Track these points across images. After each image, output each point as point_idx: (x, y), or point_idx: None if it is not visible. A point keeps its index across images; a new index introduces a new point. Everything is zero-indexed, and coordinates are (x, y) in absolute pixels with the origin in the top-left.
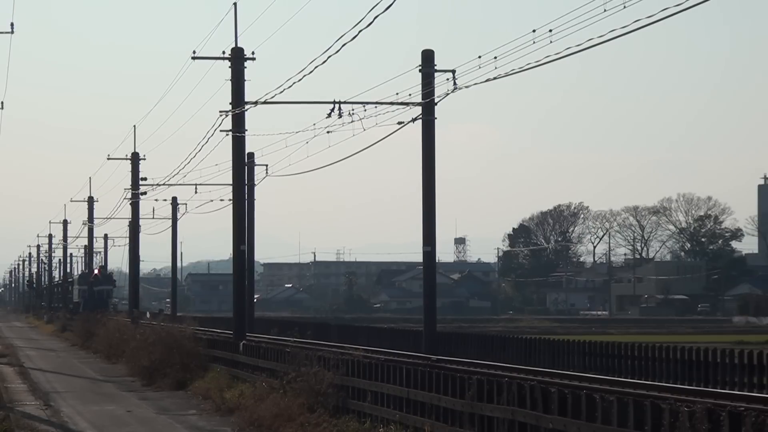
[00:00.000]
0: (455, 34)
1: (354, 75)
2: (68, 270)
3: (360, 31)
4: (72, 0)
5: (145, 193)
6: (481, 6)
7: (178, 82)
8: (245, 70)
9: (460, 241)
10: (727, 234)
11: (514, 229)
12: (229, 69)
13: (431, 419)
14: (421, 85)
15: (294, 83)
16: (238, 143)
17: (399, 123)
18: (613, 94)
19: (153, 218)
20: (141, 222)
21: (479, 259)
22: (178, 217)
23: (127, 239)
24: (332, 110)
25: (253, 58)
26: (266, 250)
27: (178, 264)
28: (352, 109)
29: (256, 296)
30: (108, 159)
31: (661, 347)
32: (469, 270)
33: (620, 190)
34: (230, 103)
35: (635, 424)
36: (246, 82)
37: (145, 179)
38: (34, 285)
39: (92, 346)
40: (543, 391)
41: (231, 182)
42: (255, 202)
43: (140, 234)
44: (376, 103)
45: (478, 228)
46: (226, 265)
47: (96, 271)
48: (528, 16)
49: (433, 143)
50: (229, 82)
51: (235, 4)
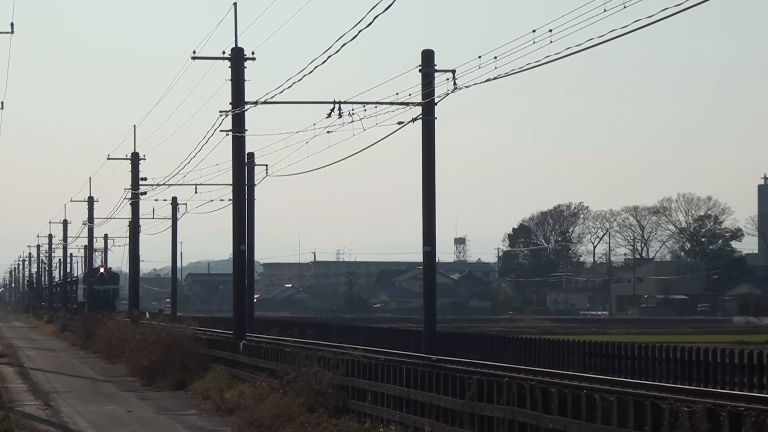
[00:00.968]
0: (455, 34)
1: (354, 75)
2: (68, 270)
3: (360, 31)
4: (72, 0)
5: (145, 193)
6: (481, 6)
7: (178, 82)
8: (245, 70)
9: (460, 241)
10: (727, 234)
11: (514, 229)
12: (229, 69)
13: (431, 419)
14: (421, 85)
15: (294, 83)
16: (238, 143)
17: (399, 123)
18: (613, 94)
19: (153, 218)
20: (141, 222)
21: (479, 259)
22: (178, 217)
23: (127, 239)
24: (332, 110)
25: (253, 58)
26: (266, 250)
27: (178, 264)
28: (352, 109)
29: (256, 296)
30: (108, 159)
31: (661, 347)
32: (469, 270)
33: (620, 190)
34: (230, 103)
35: (635, 424)
36: (246, 82)
37: (145, 179)
38: (34, 285)
39: (92, 346)
40: (543, 391)
41: (231, 182)
42: (255, 202)
43: (140, 234)
44: (376, 103)
45: (478, 228)
46: (226, 265)
47: (101, 270)
48: (528, 16)
49: (433, 143)
50: (229, 82)
51: (235, 4)
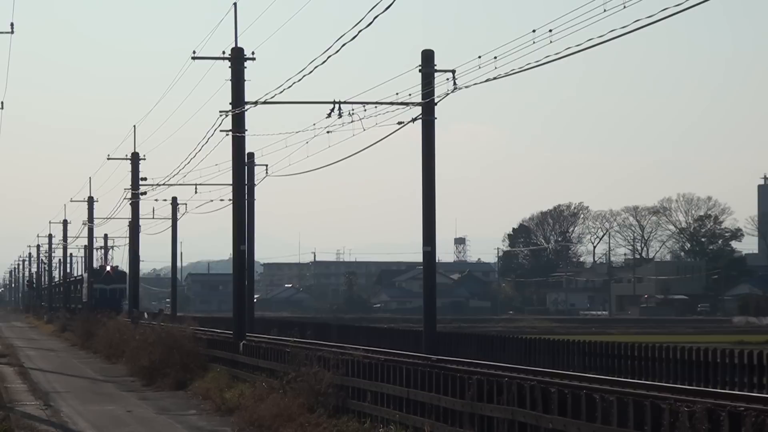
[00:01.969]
0: (455, 34)
1: (354, 75)
2: (68, 270)
3: (360, 31)
4: (72, 0)
5: (145, 193)
6: (481, 6)
7: (178, 83)
8: (245, 70)
9: (460, 241)
10: (727, 234)
11: (514, 229)
12: (229, 69)
13: (431, 419)
14: (421, 85)
15: (294, 83)
16: (238, 143)
17: (399, 123)
18: (613, 94)
19: (153, 218)
20: (141, 222)
21: (479, 259)
22: (178, 217)
23: (127, 239)
24: (332, 110)
25: (253, 58)
26: (266, 250)
27: (178, 264)
28: (352, 109)
29: (256, 296)
30: (108, 159)
31: (661, 347)
32: (469, 270)
33: (620, 190)
34: (230, 103)
35: (635, 424)
36: (246, 82)
37: (145, 179)
38: (34, 285)
39: (92, 346)
40: (543, 391)
41: (231, 182)
42: (255, 202)
43: (140, 234)
44: (376, 103)
45: (478, 228)
46: (226, 265)
47: (108, 269)
48: (528, 16)
49: (433, 143)
50: (229, 82)
51: (235, 4)
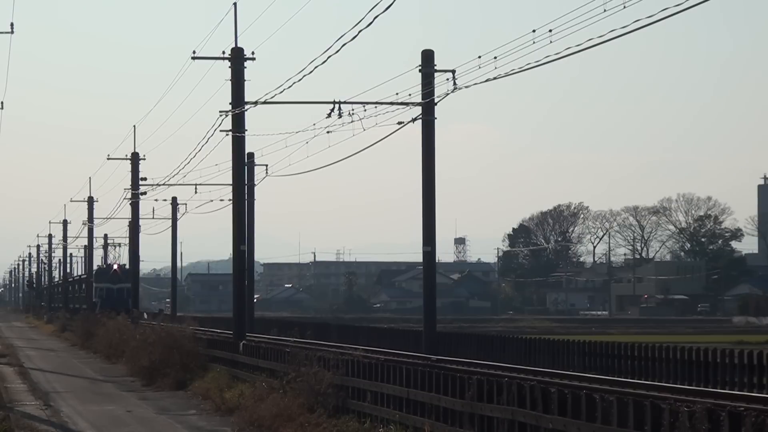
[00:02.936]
0: (455, 34)
1: (354, 75)
2: (68, 270)
3: (360, 31)
4: (72, 0)
5: (145, 193)
6: (481, 6)
7: (178, 82)
8: (245, 70)
9: (460, 241)
10: (727, 234)
11: (514, 229)
12: (229, 69)
13: (431, 419)
14: (421, 85)
15: (294, 83)
16: (238, 143)
17: (399, 123)
18: (613, 94)
19: (153, 218)
20: (141, 222)
21: (479, 259)
22: (178, 217)
23: (127, 239)
24: (332, 110)
25: (253, 58)
26: (266, 250)
27: (178, 264)
28: (352, 109)
29: (256, 296)
30: (108, 159)
31: (661, 347)
32: (469, 270)
33: (620, 190)
34: (230, 103)
35: (635, 424)
36: (246, 82)
37: (145, 179)
38: (34, 285)
39: (92, 346)
40: (543, 391)
41: (231, 182)
42: (255, 202)
43: (140, 234)
44: (376, 103)
45: (478, 228)
46: (226, 265)
47: (115, 267)
48: (528, 16)
49: (433, 143)
50: (229, 82)
51: (235, 4)
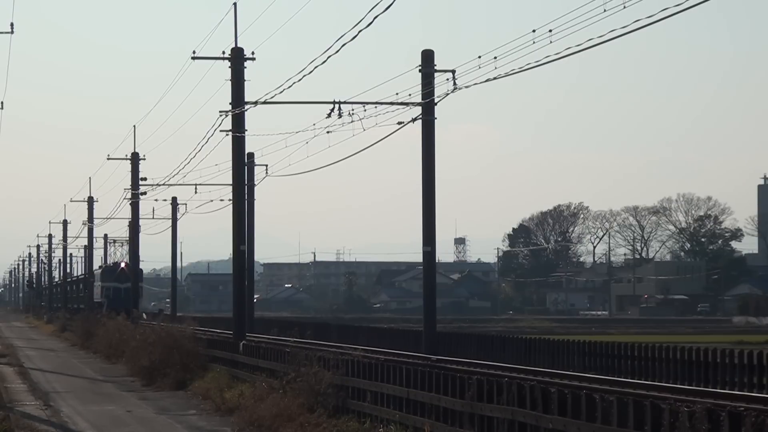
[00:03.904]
0: (455, 34)
1: (354, 75)
2: (68, 270)
3: (360, 31)
4: (72, 0)
5: (144, 193)
6: (481, 6)
7: (178, 82)
8: (245, 70)
9: (460, 241)
10: (727, 234)
11: (514, 229)
12: (229, 69)
13: (431, 419)
14: (421, 85)
15: (294, 83)
16: (238, 143)
17: (399, 123)
18: (613, 94)
19: (153, 218)
20: (141, 222)
21: (479, 259)
22: (178, 217)
23: (127, 239)
24: (332, 110)
25: (253, 58)
26: (266, 250)
27: (178, 264)
28: (352, 109)
29: (256, 296)
30: (108, 159)
31: (661, 347)
32: (469, 270)
33: (620, 190)
34: (230, 103)
35: (635, 424)
36: (246, 82)
37: (145, 179)
38: (34, 285)
39: (92, 346)
40: (543, 391)
41: (231, 182)
42: (255, 202)
43: (140, 234)
44: (376, 103)
45: (478, 228)
46: (226, 265)
47: (122, 265)
48: (528, 16)
49: (432, 143)
50: (229, 82)
51: (235, 4)
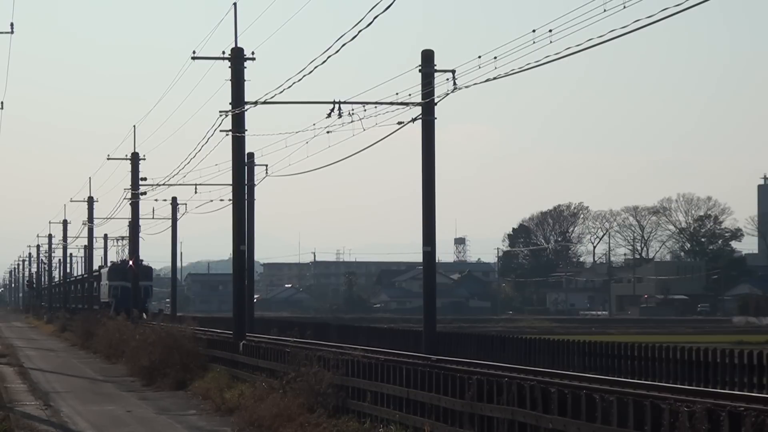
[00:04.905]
0: (455, 34)
1: (354, 75)
2: (68, 270)
3: (360, 31)
4: (72, 0)
5: (144, 193)
6: (481, 6)
7: (178, 82)
8: (245, 70)
9: (460, 241)
10: (727, 234)
11: (514, 229)
12: (229, 69)
13: (431, 419)
14: (421, 85)
15: (294, 83)
16: (238, 143)
17: (399, 123)
18: (613, 94)
19: (153, 218)
20: (141, 222)
21: (479, 259)
22: (178, 217)
23: (127, 239)
24: (332, 110)
25: (253, 58)
26: (266, 250)
27: (178, 264)
28: (352, 109)
29: (256, 296)
30: (108, 159)
31: (661, 347)
32: (469, 270)
33: (620, 190)
34: (230, 103)
35: (635, 424)
36: (246, 82)
37: (145, 179)
38: (34, 285)
39: (92, 346)
40: (543, 391)
41: (231, 182)
42: (255, 202)
43: (140, 234)
44: (376, 103)
45: (478, 228)
46: (226, 265)
47: (130, 263)
48: (528, 16)
49: (432, 143)
50: (229, 82)
51: (235, 4)
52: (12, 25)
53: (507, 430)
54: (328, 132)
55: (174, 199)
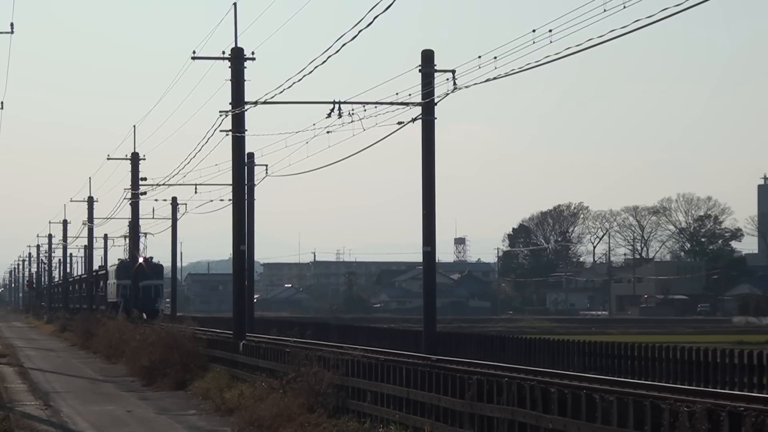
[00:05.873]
0: (455, 34)
1: (354, 75)
2: (68, 270)
3: (360, 31)
4: (73, 0)
5: (145, 193)
6: (481, 6)
7: (178, 82)
8: (245, 70)
9: (460, 241)
10: (727, 234)
11: (514, 229)
12: (229, 69)
13: (431, 419)
14: (421, 85)
15: (294, 83)
16: (238, 143)
17: (399, 123)
18: (613, 94)
19: (153, 218)
20: (141, 222)
21: (479, 259)
22: (178, 217)
23: (127, 239)
24: (332, 110)
25: (253, 58)
26: (266, 250)
27: (178, 264)
28: (352, 109)
29: (256, 296)
30: (108, 159)
31: (661, 347)
32: (469, 270)
33: (620, 190)
34: (230, 103)
35: (635, 424)
36: (246, 82)
37: (145, 179)
38: (34, 285)
39: (92, 346)
40: (543, 391)
41: (231, 182)
42: (255, 202)
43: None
44: (376, 103)
45: (478, 228)
46: (226, 265)
47: (141, 261)
48: (528, 16)
49: (432, 143)
50: (229, 82)
51: (235, 4)
52: (12, 25)
53: (507, 430)
54: (328, 132)
55: (174, 199)
